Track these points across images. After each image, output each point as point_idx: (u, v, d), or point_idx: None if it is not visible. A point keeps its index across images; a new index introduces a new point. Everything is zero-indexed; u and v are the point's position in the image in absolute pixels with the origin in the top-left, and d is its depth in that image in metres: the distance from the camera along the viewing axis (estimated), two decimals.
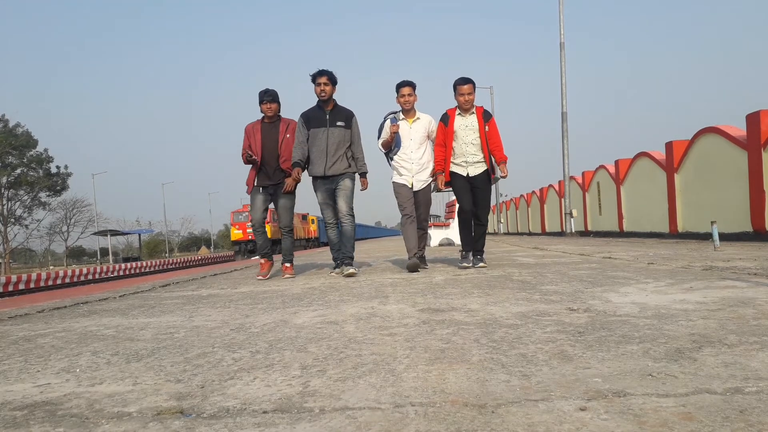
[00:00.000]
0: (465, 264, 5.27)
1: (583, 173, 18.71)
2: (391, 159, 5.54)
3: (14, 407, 1.42)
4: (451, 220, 12.96)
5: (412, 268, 5.12)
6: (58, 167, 46.39)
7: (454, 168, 5.26)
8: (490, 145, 5.17)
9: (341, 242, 5.31)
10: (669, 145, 12.01)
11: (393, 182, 5.52)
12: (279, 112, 5.35)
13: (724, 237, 8.27)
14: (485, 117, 5.23)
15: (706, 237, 9.44)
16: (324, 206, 5.30)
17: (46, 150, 45.18)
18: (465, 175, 5.21)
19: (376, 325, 2.36)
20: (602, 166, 16.68)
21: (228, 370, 1.68)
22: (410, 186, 5.41)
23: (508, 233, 30.17)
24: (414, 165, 5.40)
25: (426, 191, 5.49)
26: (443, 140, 5.26)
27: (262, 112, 5.30)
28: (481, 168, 5.22)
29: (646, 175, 13.59)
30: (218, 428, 1.19)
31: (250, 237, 28.70)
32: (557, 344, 1.82)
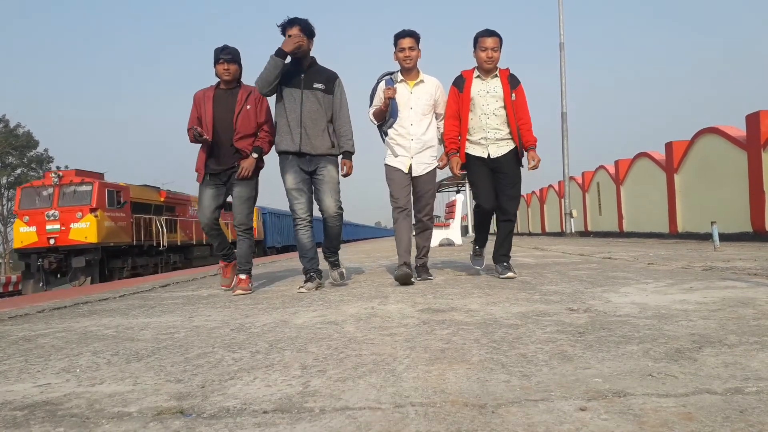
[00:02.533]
0: (477, 265, 4.45)
1: (582, 173, 18.71)
2: (385, 134, 4.23)
3: (14, 407, 1.42)
4: (451, 221, 12.88)
5: (402, 280, 3.84)
6: (58, 167, 46.46)
7: (469, 148, 4.05)
8: (519, 118, 3.97)
9: (325, 241, 4.20)
10: (669, 146, 12.01)
11: (385, 165, 4.22)
12: (240, 77, 4.08)
13: (724, 237, 8.26)
14: (512, 82, 4.02)
15: (706, 237, 9.44)
16: (294, 194, 3.92)
17: (46, 150, 45.19)
18: (485, 156, 4.00)
19: (376, 325, 2.36)
20: (602, 167, 16.68)
21: (228, 370, 1.68)
22: (407, 171, 4.11)
23: None
24: (414, 142, 4.07)
25: (429, 178, 4.18)
26: (457, 110, 4.04)
27: (217, 75, 4.02)
28: (506, 147, 4.00)
29: (646, 176, 13.59)
30: (218, 428, 1.19)
31: (51, 242, 14.08)
32: (557, 344, 1.82)
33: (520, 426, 1.12)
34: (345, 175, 4.05)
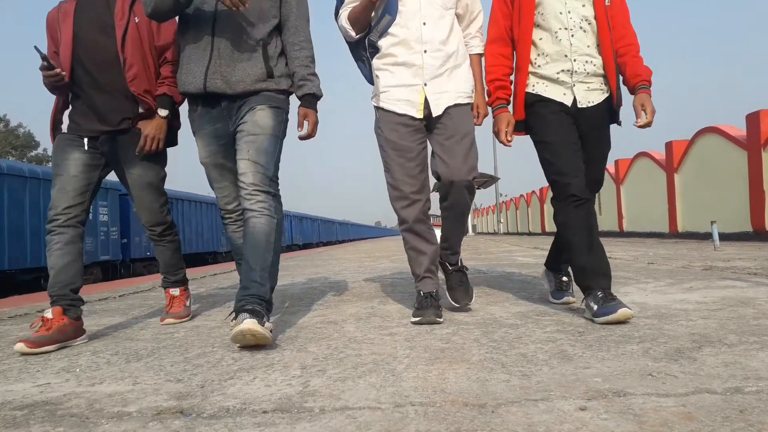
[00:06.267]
0: (561, 298, 2.62)
1: None
2: (373, 52, 2.45)
3: (14, 407, 1.42)
4: None
5: (427, 319, 2.29)
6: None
7: (538, 86, 2.37)
8: (617, 38, 2.36)
9: (245, 257, 2.20)
10: (669, 145, 12.01)
11: (378, 111, 2.45)
12: None
13: (724, 237, 8.26)
14: None
15: (706, 237, 9.43)
16: (212, 174, 2.46)
17: (45, 150, 45.23)
18: (567, 103, 2.33)
19: (376, 324, 2.36)
20: None
21: (228, 370, 1.68)
22: (420, 114, 2.35)
23: (508, 233, 30.17)
24: (429, 55, 2.33)
25: (462, 116, 2.39)
26: (508, 27, 2.43)
27: None
28: (599, 92, 2.37)
29: (646, 175, 13.59)
30: (218, 428, 1.19)
31: None
32: (557, 344, 1.82)
33: (520, 426, 1.12)
34: (305, 137, 2.33)
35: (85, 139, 2.41)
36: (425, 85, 2.35)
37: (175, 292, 2.77)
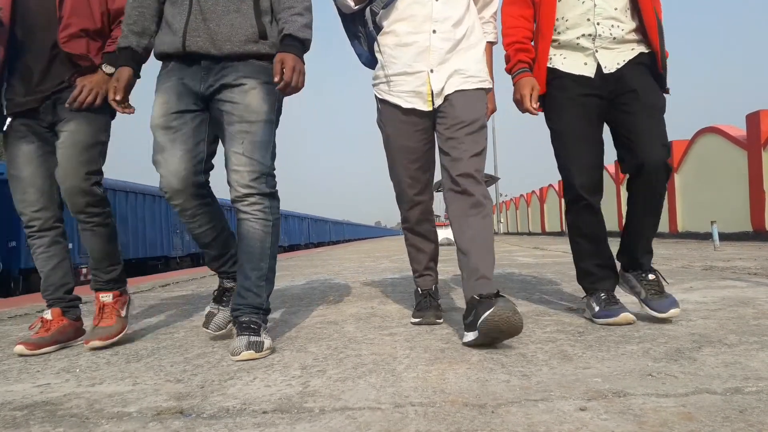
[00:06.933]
0: (610, 316, 2.06)
1: None
2: (373, 31, 2.16)
3: (14, 407, 1.42)
4: None
5: (427, 320, 2.27)
6: None
7: (555, 59, 2.15)
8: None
9: (239, 261, 1.99)
10: None
11: (380, 103, 2.20)
12: None
13: (724, 237, 8.26)
14: None
15: (706, 237, 9.43)
16: (162, 136, 1.98)
17: None
18: (590, 74, 2.09)
19: (376, 325, 2.36)
20: None
21: (228, 370, 1.68)
22: (428, 105, 2.07)
23: (508, 233, 30.17)
24: (438, 37, 2.04)
25: (471, 100, 2.05)
26: None
27: None
28: (629, 51, 2.10)
29: None
30: (218, 428, 1.19)
31: None
32: (557, 344, 1.82)
33: (520, 426, 1.12)
34: (283, 88, 1.88)
35: (15, 118, 2.16)
36: (431, 71, 2.04)
37: (107, 297, 2.22)
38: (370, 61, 2.29)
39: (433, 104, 2.06)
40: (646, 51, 2.10)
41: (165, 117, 1.96)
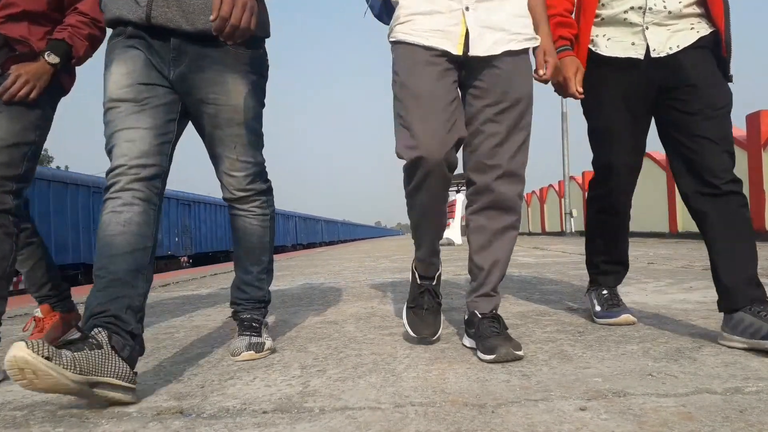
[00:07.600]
0: (611, 317, 2.04)
1: (583, 173, 18.69)
2: None
3: (14, 407, 1.42)
4: (450, 220, 12.64)
5: (427, 332, 1.89)
6: (58, 167, 46.50)
7: (600, 40, 1.87)
8: None
9: (239, 256, 1.96)
10: None
11: (396, 49, 1.69)
12: None
13: None
14: None
15: None
16: (114, 112, 1.58)
17: (45, 150, 45.29)
18: (639, 56, 1.80)
19: (376, 324, 2.36)
20: None
21: (228, 370, 1.68)
22: (458, 49, 1.60)
23: None
24: None
25: (517, 67, 1.66)
26: None
27: None
28: (688, 33, 1.77)
29: (645, 175, 13.52)
30: (218, 428, 1.19)
31: None
32: (557, 344, 1.82)
33: (520, 426, 1.12)
34: (221, 28, 1.46)
35: None
36: (466, 9, 1.60)
37: (39, 312, 2.19)
38: (381, 13, 1.93)
39: (467, 49, 1.61)
40: (708, 32, 1.76)
41: (132, 87, 1.59)
